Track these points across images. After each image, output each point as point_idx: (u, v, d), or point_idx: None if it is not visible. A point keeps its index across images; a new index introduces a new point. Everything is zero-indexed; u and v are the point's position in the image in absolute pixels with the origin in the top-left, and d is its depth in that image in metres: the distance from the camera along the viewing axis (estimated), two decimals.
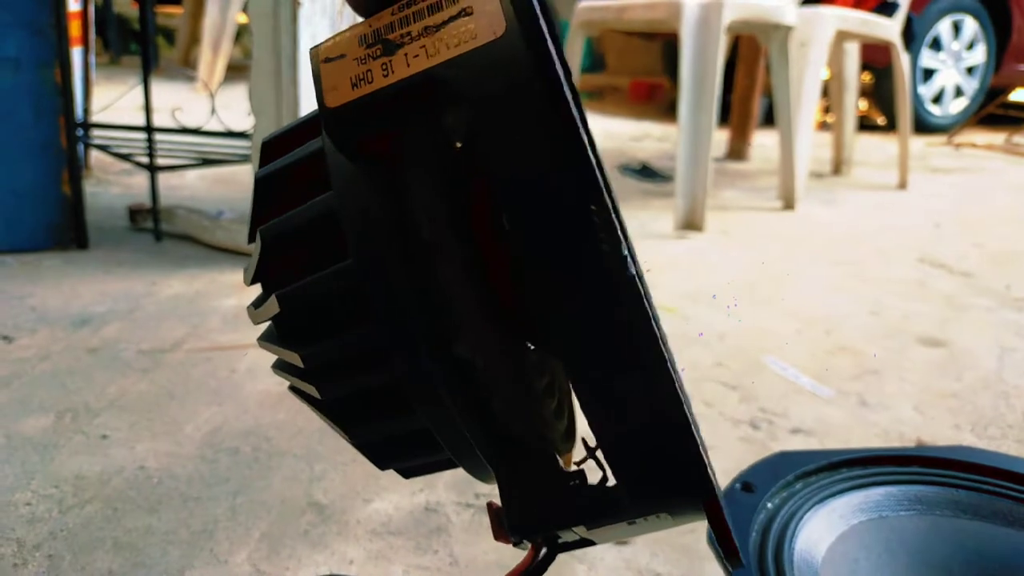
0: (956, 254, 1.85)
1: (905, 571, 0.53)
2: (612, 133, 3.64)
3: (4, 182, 1.52)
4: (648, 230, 1.94)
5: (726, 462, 0.90)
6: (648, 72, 5.21)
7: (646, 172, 2.69)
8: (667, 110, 4.15)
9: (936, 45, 3.85)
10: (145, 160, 1.71)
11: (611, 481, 0.31)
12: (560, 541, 0.36)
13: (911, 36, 3.57)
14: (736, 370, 1.15)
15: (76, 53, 1.98)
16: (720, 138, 2.95)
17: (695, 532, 0.77)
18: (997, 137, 3.82)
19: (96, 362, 1.10)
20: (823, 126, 3.60)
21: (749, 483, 0.53)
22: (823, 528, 0.52)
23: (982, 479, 0.57)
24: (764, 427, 0.98)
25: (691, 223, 1.95)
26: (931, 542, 0.54)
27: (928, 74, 3.88)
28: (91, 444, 0.89)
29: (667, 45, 4.44)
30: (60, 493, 0.80)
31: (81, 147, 1.87)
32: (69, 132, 1.54)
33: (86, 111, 2.14)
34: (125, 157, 1.82)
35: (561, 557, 0.73)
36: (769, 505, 0.52)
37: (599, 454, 0.30)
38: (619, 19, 2.18)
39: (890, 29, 2.48)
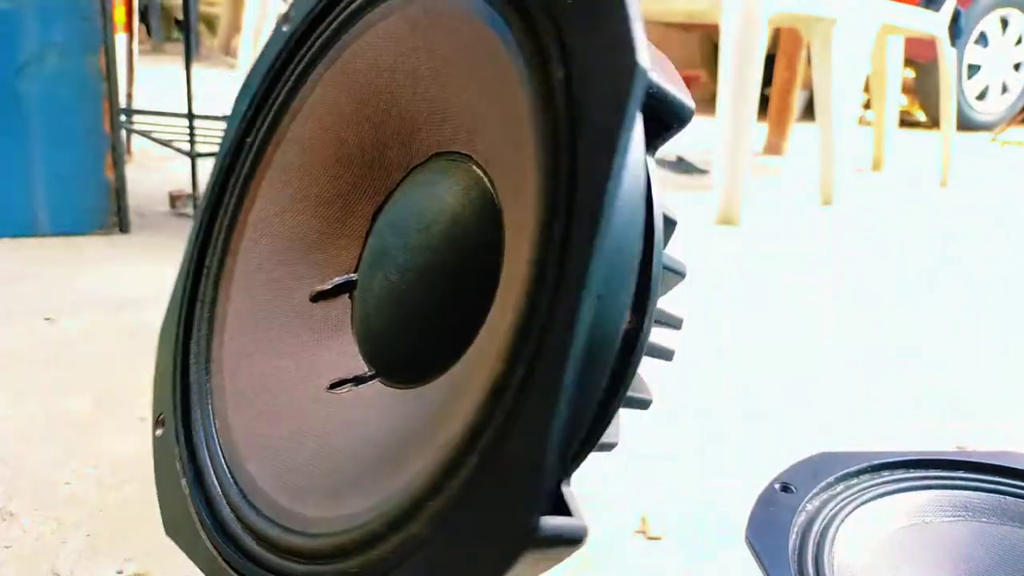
0: (1000, 255, 1.81)
1: None
2: None
3: (49, 166, 1.55)
4: (682, 224, 1.92)
5: (762, 461, 0.89)
6: (685, 64, 5.15)
7: (682, 165, 2.66)
8: (705, 103, 4.11)
9: (983, 40, 3.77)
10: (186, 147, 1.73)
11: None
12: None
13: (957, 31, 3.50)
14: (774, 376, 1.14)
15: (120, 40, 2.01)
16: (758, 132, 2.92)
17: (729, 532, 0.76)
18: None
19: (136, 345, 1.11)
20: (861, 122, 3.54)
21: (788, 484, 0.52)
22: (865, 532, 0.51)
23: None
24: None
25: (727, 218, 1.93)
26: (975, 549, 0.53)
27: (973, 70, 3.80)
28: (130, 425, 0.91)
29: (705, 37, 4.39)
30: (99, 473, 0.82)
31: (124, 133, 1.90)
32: (113, 118, 1.57)
33: (129, 97, 2.17)
34: (166, 143, 1.84)
35: (586, 550, 0.73)
36: (809, 507, 0.51)
37: None
38: (659, 9, 2.16)
39: (937, 23, 2.43)
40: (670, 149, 2.92)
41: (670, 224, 0.37)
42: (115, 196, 1.60)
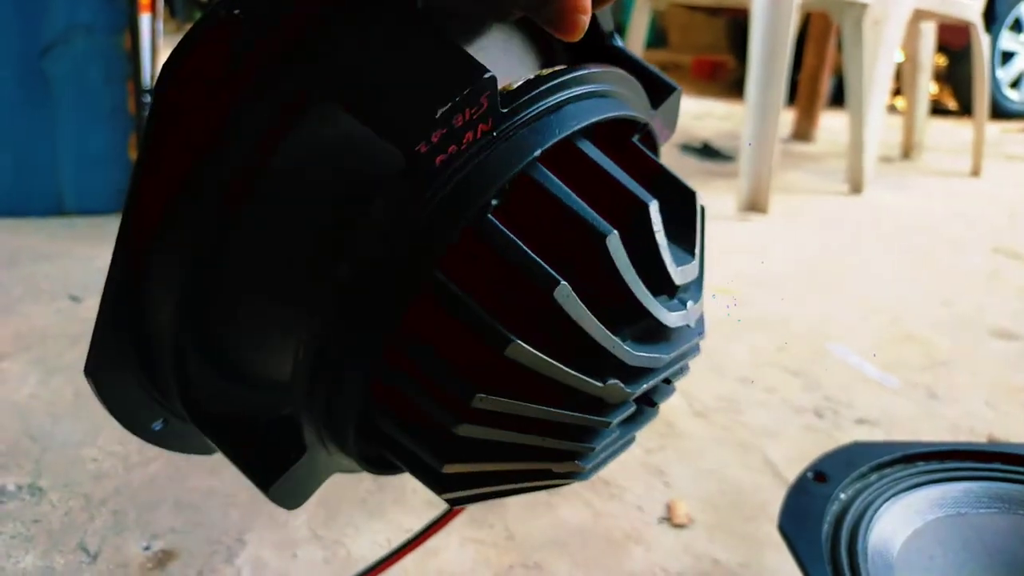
0: None
1: (983, 571, 0.51)
2: None
3: (75, 145, 1.55)
4: (709, 211, 1.90)
5: (788, 449, 0.88)
6: (711, 49, 5.10)
7: (708, 151, 2.63)
8: (730, 88, 4.06)
9: (1017, 27, 3.69)
10: None
11: None
12: None
13: (992, 17, 3.43)
14: (799, 356, 1.12)
15: (144, 20, 2.01)
16: (786, 118, 2.88)
17: (756, 520, 0.76)
18: None
19: None
20: (891, 109, 3.48)
21: (822, 473, 0.51)
22: (899, 522, 0.50)
23: None
24: (828, 416, 0.96)
25: (755, 204, 1.90)
26: (1011, 542, 0.52)
27: (1007, 57, 3.73)
28: None
29: (732, 22, 4.34)
30: (125, 451, 0.82)
31: (148, 113, 1.90)
32: (138, 97, 1.57)
33: (153, 77, 2.17)
34: None
35: (616, 538, 0.72)
36: (843, 496, 0.50)
37: None
38: None
39: (971, 9, 2.38)
40: (697, 135, 2.89)
41: None
42: None
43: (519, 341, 0.28)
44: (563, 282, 0.28)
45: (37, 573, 0.65)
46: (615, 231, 0.30)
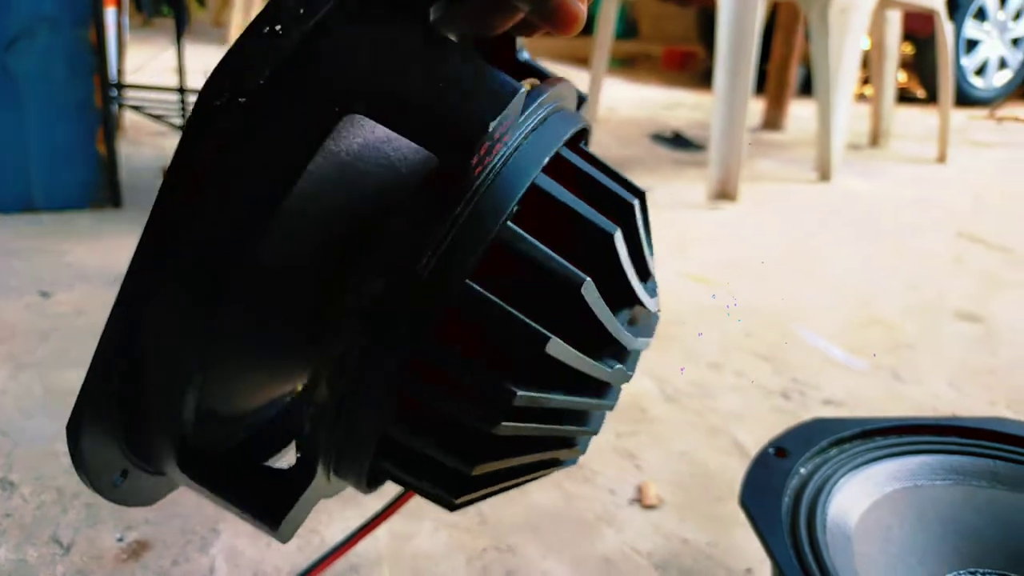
0: (996, 230, 1.82)
1: (939, 540, 0.52)
2: (644, 101, 3.59)
3: (41, 140, 1.54)
4: (680, 199, 1.92)
5: (757, 431, 0.89)
6: (682, 39, 5.13)
7: (679, 141, 2.65)
8: (701, 79, 4.09)
9: (981, 15, 3.75)
10: (178, 121, 1.72)
11: None
12: None
13: (955, 5, 3.48)
14: (768, 341, 1.14)
15: (110, 13, 1.99)
16: (755, 107, 2.91)
17: (725, 500, 0.77)
18: None
19: None
20: (860, 98, 3.53)
21: (783, 448, 0.53)
22: (857, 495, 0.52)
23: (1019, 451, 0.56)
24: (796, 397, 0.98)
25: (724, 193, 1.92)
26: (965, 512, 0.54)
27: (972, 45, 3.78)
28: None
29: (702, 12, 4.36)
30: None
31: (115, 107, 1.89)
32: (104, 91, 1.56)
33: (120, 72, 2.15)
34: (158, 118, 1.83)
35: (588, 520, 0.74)
36: (802, 470, 0.52)
37: None
38: None
39: None
40: (667, 125, 2.91)
41: None
42: (107, 171, 1.59)
43: (556, 338, 0.29)
44: (587, 279, 0.30)
45: (10, 566, 0.65)
46: (617, 229, 0.32)
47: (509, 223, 0.29)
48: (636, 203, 0.34)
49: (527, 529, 0.72)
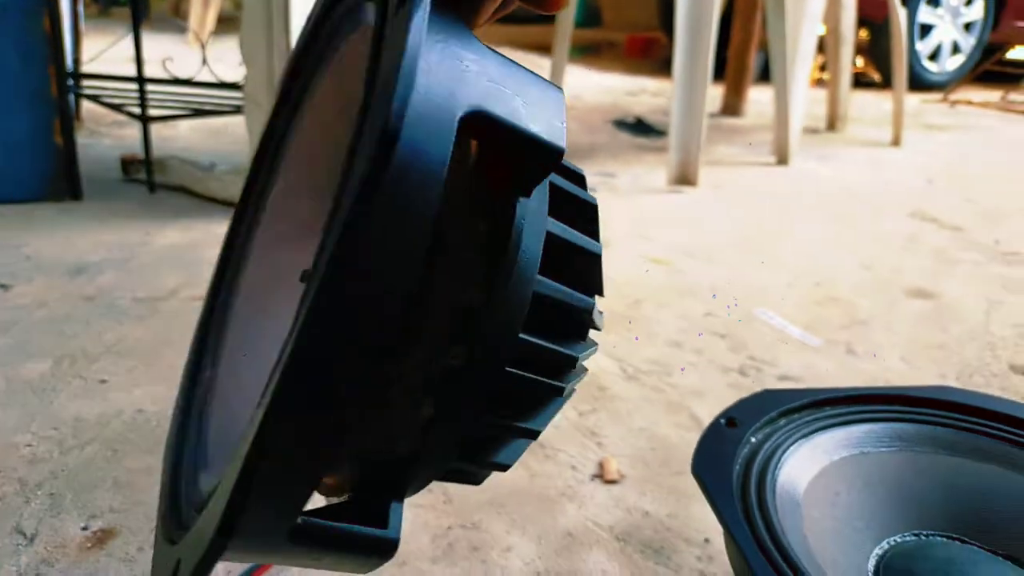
0: (948, 209, 1.86)
1: (884, 504, 0.55)
2: (607, 88, 3.61)
3: None
4: (641, 184, 1.94)
5: (715, 407, 0.91)
6: (644, 27, 5.15)
7: (641, 127, 2.68)
8: (663, 65, 4.11)
9: (934, 1, 3.82)
10: (137, 110, 1.70)
11: None
12: None
13: None
14: (726, 320, 1.17)
15: (64, 2, 1.95)
16: (715, 94, 2.94)
17: (683, 474, 0.79)
18: (993, 95, 3.81)
19: (93, 310, 1.11)
20: (819, 82, 3.58)
21: (733, 418, 0.54)
22: (805, 462, 0.54)
23: (961, 417, 0.59)
24: (752, 374, 1.00)
25: (684, 178, 1.95)
26: (910, 477, 0.56)
27: (925, 30, 3.85)
28: (90, 388, 0.91)
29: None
30: (60, 435, 0.82)
31: (72, 97, 1.86)
32: (60, 81, 1.53)
33: (76, 61, 2.11)
34: (117, 107, 1.81)
35: (551, 496, 0.75)
36: (753, 440, 0.54)
37: None
38: None
39: None
40: (630, 111, 2.93)
41: None
42: (65, 161, 1.57)
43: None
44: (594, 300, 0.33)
45: None
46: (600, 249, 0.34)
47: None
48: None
49: (492, 506, 0.73)
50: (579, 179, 0.36)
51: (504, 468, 0.34)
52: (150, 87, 1.74)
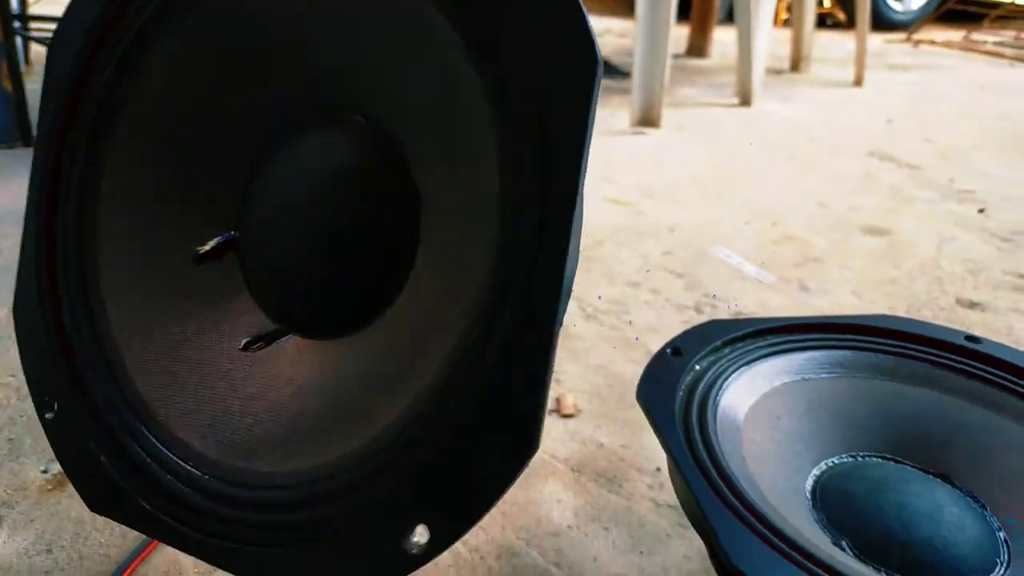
0: (906, 149, 1.88)
1: (823, 428, 0.57)
2: None
3: None
4: (605, 126, 1.94)
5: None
6: None
7: (605, 68, 2.66)
8: (629, 6, 4.07)
9: None
10: None
11: None
12: None
13: None
14: (684, 260, 1.18)
15: None
16: (680, 34, 2.92)
17: (637, 407, 0.81)
18: (956, 34, 3.82)
19: None
20: (784, 23, 3.56)
21: (678, 348, 0.56)
22: (747, 389, 0.55)
23: (901, 344, 0.61)
24: (707, 311, 1.02)
25: (647, 119, 1.95)
26: (849, 402, 0.58)
27: None
28: None
29: None
30: (18, 381, 0.82)
31: (20, 40, 1.80)
32: (5, 24, 1.48)
33: (23, 2, 2.05)
34: None
35: None
36: (697, 368, 0.55)
37: None
38: None
39: None
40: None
41: None
42: (15, 108, 1.53)
43: None
44: None
45: None
46: None
47: None
48: None
49: None
50: None
51: None
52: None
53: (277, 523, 0.37)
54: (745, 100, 2.24)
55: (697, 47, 3.05)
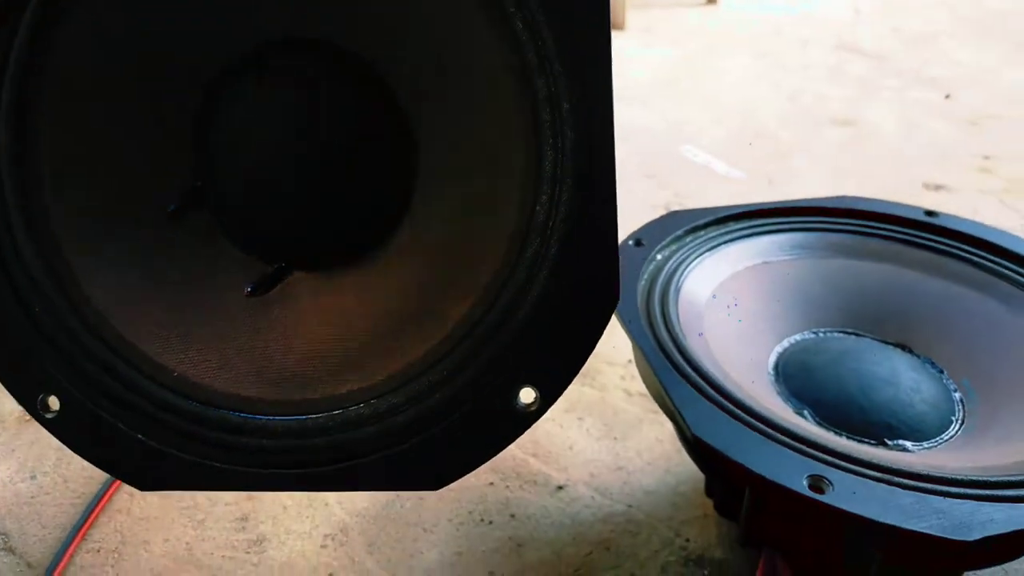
0: (873, 38, 1.87)
1: (785, 308, 0.58)
2: None
3: None
4: None
5: None
6: None
7: None
8: None
9: None
10: None
11: None
12: None
13: None
14: (654, 161, 1.18)
15: None
16: None
17: None
18: None
19: None
20: None
21: (640, 239, 0.56)
22: (709, 274, 0.56)
23: (859, 223, 0.62)
24: (677, 208, 1.02)
25: (612, 23, 1.91)
26: (809, 280, 0.59)
27: None
28: None
29: None
30: None
31: None
32: None
33: None
34: None
35: None
36: (659, 257, 0.56)
37: None
38: None
39: None
40: None
41: None
42: None
43: None
44: None
45: None
46: None
47: None
48: None
49: None
50: None
51: None
52: None
53: (388, 429, 0.39)
54: None
55: None
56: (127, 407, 0.41)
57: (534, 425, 0.64)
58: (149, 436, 0.41)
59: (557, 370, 0.38)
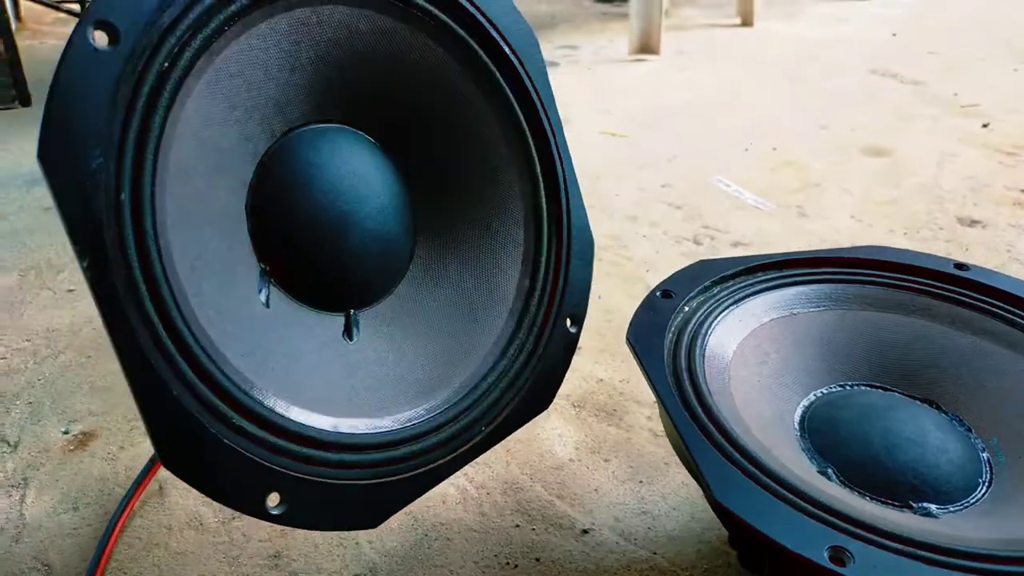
0: (909, 63, 1.85)
1: (811, 360, 0.58)
2: None
3: None
4: (604, 56, 1.91)
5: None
6: None
7: None
8: None
9: None
10: (77, 7, 1.64)
11: None
12: None
13: None
14: (683, 190, 1.18)
15: None
16: None
17: None
18: None
19: (54, 220, 1.11)
20: None
21: (668, 291, 0.57)
22: (736, 326, 0.57)
23: (888, 275, 0.62)
24: (706, 242, 1.03)
25: (646, 46, 1.92)
26: (836, 333, 0.59)
27: None
28: (58, 298, 0.92)
29: None
30: (33, 345, 0.84)
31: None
32: None
33: None
34: (55, 6, 1.74)
35: None
36: (686, 308, 0.56)
37: None
38: None
39: None
40: None
41: None
42: (10, 67, 1.52)
43: None
44: None
45: None
46: None
47: None
48: None
49: None
50: None
51: None
52: None
53: (459, 432, 0.50)
54: (746, 20, 2.19)
55: None
56: (345, 467, 0.46)
57: (560, 466, 0.65)
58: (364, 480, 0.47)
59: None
